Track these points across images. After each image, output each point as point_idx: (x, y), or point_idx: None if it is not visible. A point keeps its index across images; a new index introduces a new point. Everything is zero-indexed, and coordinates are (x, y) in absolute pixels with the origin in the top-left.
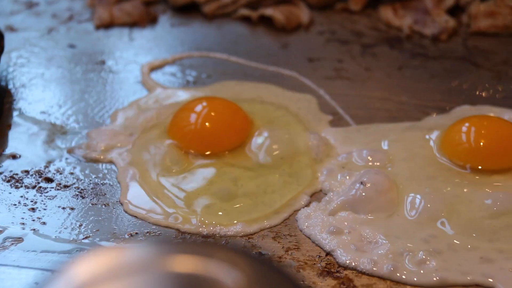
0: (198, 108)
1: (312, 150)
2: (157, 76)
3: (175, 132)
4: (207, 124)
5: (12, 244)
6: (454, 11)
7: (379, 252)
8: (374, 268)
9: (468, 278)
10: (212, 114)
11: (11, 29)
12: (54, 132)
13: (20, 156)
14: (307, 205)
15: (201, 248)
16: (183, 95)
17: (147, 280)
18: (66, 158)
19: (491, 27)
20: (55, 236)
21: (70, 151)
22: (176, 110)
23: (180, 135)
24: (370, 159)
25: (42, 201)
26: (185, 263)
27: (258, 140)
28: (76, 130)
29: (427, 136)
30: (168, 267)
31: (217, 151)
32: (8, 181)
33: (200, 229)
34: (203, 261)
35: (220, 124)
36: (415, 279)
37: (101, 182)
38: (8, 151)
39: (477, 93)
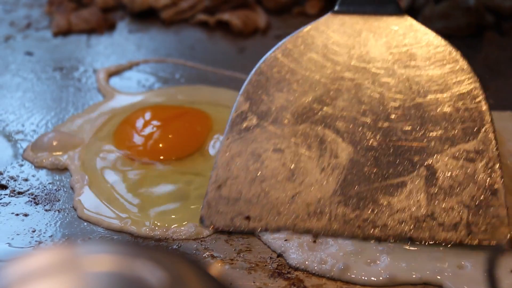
0: (142, 120)
1: None
2: (114, 81)
3: (122, 144)
4: (152, 135)
5: None
6: (409, 12)
7: (330, 252)
8: (324, 268)
9: (417, 276)
10: (157, 124)
11: None
12: (9, 139)
13: None
14: None
15: (127, 248)
16: (138, 100)
17: (69, 280)
18: (21, 165)
19: (445, 28)
20: (7, 243)
21: (24, 157)
22: (126, 116)
23: (127, 146)
24: None
25: None
26: (110, 263)
27: (212, 144)
28: (31, 136)
29: None
30: (91, 267)
31: (168, 159)
32: None
33: (153, 233)
34: (128, 260)
35: (166, 134)
36: (365, 278)
37: (55, 188)
38: None
39: None
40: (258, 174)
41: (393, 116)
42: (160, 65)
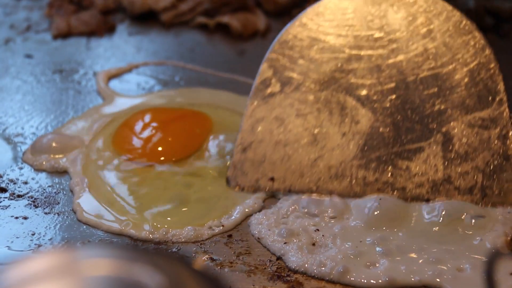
0: (141, 122)
1: None
2: (114, 84)
3: (122, 146)
4: (152, 137)
5: None
6: None
7: (329, 255)
8: (323, 271)
9: (417, 279)
10: (157, 127)
11: None
12: (8, 141)
13: None
14: (260, 209)
15: (126, 252)
16: (138, 103)
17: (68, 284)
18: (20, 168)
19: None
20: (7, 246)
21: (23, 160)
22: (126, 119)
23: (127, 149)
24: None
25: None
26: (109, 267)
27: (211, 146)
28: (31, 139)
29: None
30: (90, 271)
31: (167, 161)
32: None
33: (152, 235)
34: (127, 264)
35: (165, 136)
36: (364, 281)
37: (55, 191)
38: None
39: None
40: (281, 138)
41: (411, 85)
42: (160, 68)
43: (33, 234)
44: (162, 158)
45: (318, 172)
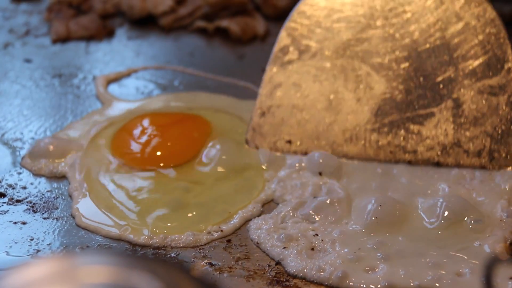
0: (140, 127)
1: (262, 158)
2: (113, 88)
3: (120, 151)
4: (150, 142)
5: None
6: None
7: (329, 259)
8: (322, 276)
9: (416, 283)
10: (155, 131)
11: None
12: (7, 146)
13: None
14: (259, 214)
15: (124, 259)
16: (137, 107)
17: None
18: (19, 173)
19: None
20: (5, 252)
21: (22, 165)
22: (125, 123)
23: (125, 154)
24: (323, 164)
25: None
26: (107, 274)
27: (210, 151)
28: (30, 144)
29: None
30: (88, 278)
31: (166, 166)
32: None
33: (151, 240)
34: (125, 271)
35: (164, 141)
36: (363, 285)
37: (53, 196)
38: None
39: None
40: (299, 103)
41: (423, 53)
42: (159, 72)
43: (31, 239)
44: (161, 163)
45: (333, 136)
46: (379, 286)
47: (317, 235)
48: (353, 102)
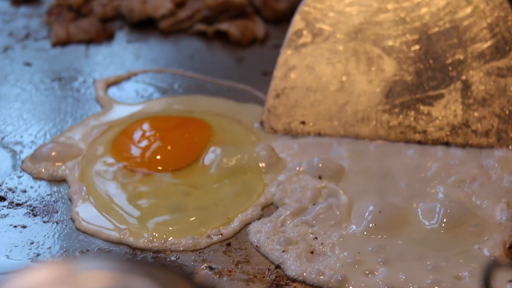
0: (140, 131)
1: (262, 162)
2: (113, 91)
3: (120, 155)
4: (150, 146)
5: None
6: None
7: (328, 263)
8: (322, 280)
9: (415, 287)
10: (156, 135)
11: None
12: (7, 150)
13: None
14: (259, 218)
15: (124, 264)
16: (137, 111)
17: None
18: (19, 176)
19: None
20: (5, 255)
21: (22, 168)
22: (125, 127)
23: (125, 157)
24: (322, 168)
25: None
26: (106, 279)
27: (210, 154)
28: (30, 147)
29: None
30: (88, 284)
31: (166, 170)
32: None
33: (151, 244)
34: (124, 276)
35: (164, 145)
36: None
37: (53, 199)
38: None
39: None
40: (312, 85)
41: (433, 36)
42: (158, 75)
43: (31, 243)
44: (160, 167)
45: (345, 116)
46: None
47: (316, 238)
48: (365, 84)
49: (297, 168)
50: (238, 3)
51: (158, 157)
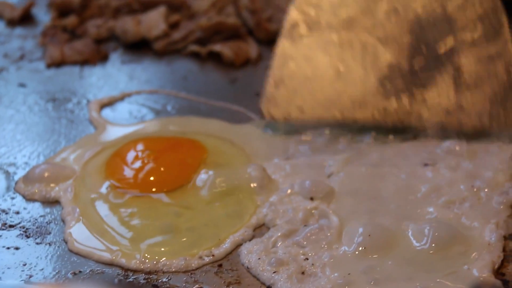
0: (133, 152)
1: (254, 182)
2: (106, 113)
3: (113, 176)
4: (143, 167)
5: None
6: None
7: (319, 284)
8: None
9: None
10: (149, 156)
11: None
12: (1, 171)
13: None
14: (250, 239)
15: (114, 286)
16: (130, 132)
17: None
18: (12, 198)
19: None
20: None
21: (16, 190)
22: (118, 148)
23: (118, 179)
24: (314, 189)
25: None
26: None
27: (202, 175)
28: (23, 169)
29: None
30: None
31: (159, 192)
32: None
33: (143, 265)
34: None
35: (157, 166)
36: None
37: (46, 221)
38: None
39: None
40: (310, 74)
41: (425, 23)
42: (152, 96)
43: (24, 265)
44: (153, 189)
45: (343, 103)
46: None
47: (307, 259)
48: (360, 72)
49: (289, 190)
50: (232, 24)
51: (152, 178)
